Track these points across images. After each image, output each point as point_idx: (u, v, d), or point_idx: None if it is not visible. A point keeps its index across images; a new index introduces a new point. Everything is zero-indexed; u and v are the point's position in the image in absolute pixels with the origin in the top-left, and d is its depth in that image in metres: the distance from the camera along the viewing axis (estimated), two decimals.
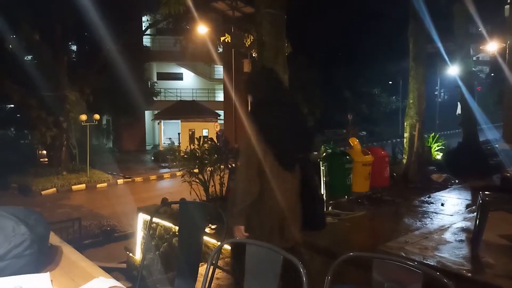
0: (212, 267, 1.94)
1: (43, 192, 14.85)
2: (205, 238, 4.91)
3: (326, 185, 5.73)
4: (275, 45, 5.80)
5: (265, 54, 5.82)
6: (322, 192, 5.74)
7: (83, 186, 16.01)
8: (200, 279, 2.77)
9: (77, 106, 17.27)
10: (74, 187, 15.75)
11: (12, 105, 20.47)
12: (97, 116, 17.54)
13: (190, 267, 2.44)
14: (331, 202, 5.92)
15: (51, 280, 1.28)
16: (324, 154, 6.33)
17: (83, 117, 16.64)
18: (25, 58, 18.81)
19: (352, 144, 6.70)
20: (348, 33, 36.04)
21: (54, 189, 15.27)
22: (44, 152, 19.10)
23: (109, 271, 4.59)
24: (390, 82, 41.81)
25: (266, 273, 1.61)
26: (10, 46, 16.80)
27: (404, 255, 3.90)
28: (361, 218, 5.74)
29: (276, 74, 2.99)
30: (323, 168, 5.74)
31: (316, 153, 6.78)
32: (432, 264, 3.71)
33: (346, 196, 6.28)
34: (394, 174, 8.54)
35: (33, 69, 17.53)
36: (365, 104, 39.13)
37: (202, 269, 3.02)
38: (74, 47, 21.33)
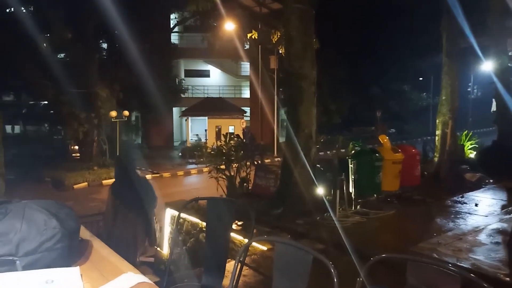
0: (239, 264, 1.92)
1: (75, 186, 15.29)
2: (232, 234, 4.91)
3: (354, 183, 5.61)
4: (303, 40, 5.73)
5: (293, 50, 5.77)
6: (351, 191, 5.63)
7: (113, 180, 16.37)
8: (227, 275, 2.77)
9: (107, 102, 17.70)
10: (104, 181, 16.12)
11: (46, 102, 21.17)
12: (126, 113, 17.91)
13: (217, 263, 2.43)
14: (359, 200, 5.80)
15: (81, 274, 1.28)
16: (353, 151, 6.20)
17: (113, 113, 17.03)
18: (58, 57, 19.48)
19: (382, 142, 6.53)
20: (378, 28, 35.19)
21: (86, 183, 15.70)
22: (76, 147, 19.69)
23: (138, 265, 4.62)
24: (421, 79, 40.62)
25: (295, 273, 1.57)
26: (45, 44, 17.40)
27: (436, 256, 3.76)
28: (391, 217, 5.59)
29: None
30: (352, 165, 5.62)
31: (343, 150, 6.67)
32: (466, 267, 3.56)
33: (375, 195, 6.12)
34: (425, 172, 8.29)
35: (66, 67, 18.13)
36: (394, 101, 38.17)
37: (229, 265, 3.01)
38: (104, 45, 21.84)
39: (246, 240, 4.71)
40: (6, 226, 1.34)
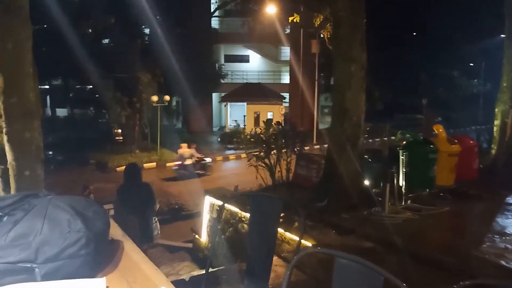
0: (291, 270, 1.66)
1: (117, 169, 15.67)
2: None
3: (405, 176, 5.18)
4: (352, 20, 5.31)
5: (341, 31, 5.36)
6: (401, 184, 5.22)
7: (153, 164, 16.67)
8: (272, 275, 2.53)
9: (149, 87, 17.94)
10: (145, 165, 16.44)
11: (92, 86, 21.79)
12: (167, 98, 18.09)
13: (261, 265, 2.20)
14: (410, 195, 5.37)
15: (107, 287, 1.08)
16: (404, 141, 5.75)
17: (155, 98, 17.24)
18: (103, 42, 19.91)
19: (436, 132, 6.01)
20: (425, 10, 33.22)
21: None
22: (119, 131, 20.19)
23: (176, 250, 4.54)
24: (472, 64, 38.14)
25: None
26: (90, 30, 17.81)
27: (505, 264, 3.34)
28: (445, 214, 5.13)
29: None
30: (403, 157, 5.19)
31: (385, 138, 6.21)
32: None
33: (427, 190, 5.66)
34: (481, 166, 7.63)
35: (110, 53, 18.50)
36: (442, 88, 36.12)
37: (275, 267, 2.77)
38: (146, 31, 22.08)
39: (287, 234, 4.47)
40: (27, 226, 1.15)
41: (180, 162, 14.23)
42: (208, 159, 15.30)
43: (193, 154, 14.64)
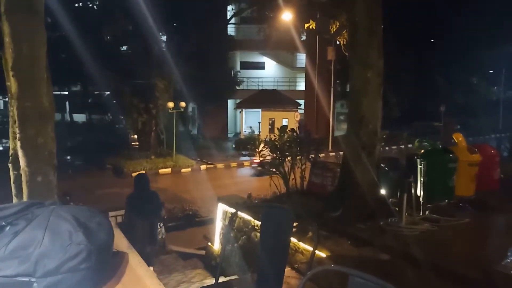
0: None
1: (133, 174, 15.79)
2: None
3: (423, 186, 5.03)
4: (369, 26, 5.22)
5: (358, 37, 5.28)
6: (419, 194, 5.07)
7: (169, 170, 16.76)
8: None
9: (165, 93, 18.11)
10: (161, 170, 16.56)
11: (109, 92, 22.13)
12: (183, 104, 18.20)
13: (273, 277, 2.13)
14: (428, 205, 5.20)
15: None
16: (422, 150, 5.60)
17: (171, 104, 17.38)
18: (121, 49, 20.22)
19: (456, 140, 5.84)
20: (444, 15, 32.68)
21: (143, 171, 16.18)
22: (136, 136, 20.41)
23: (189, 257, 4.49)
24: (491, 71, 37.34)
25: None
26: (108, 37, 18.10)
27: None
28: (465, 226, 4.95)
29: None
30: (421, 166, 5.04)
31: (402, 146, 6.06)
32: None
33: (446, 200, 5.48)
34: (502, 175, 7.38)
35: (127, 59, 18.76)
36: (460, 94, 35.39)
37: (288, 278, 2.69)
38: (164, 38, 22.35)
39: (300, 244, 4.37)
40: (28, 237, 1.10)
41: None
42: None
43: None
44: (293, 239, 4.56)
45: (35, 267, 1.04)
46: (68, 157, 19.28)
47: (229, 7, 25.32)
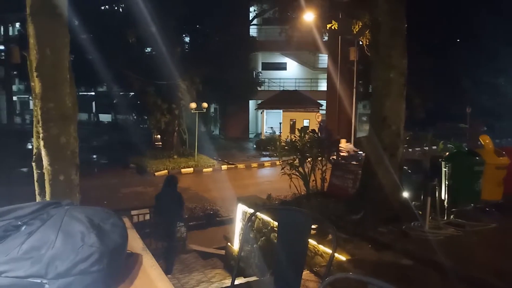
0: None
1: (156, 173, 16.05)
2: None
3: (448, 189, 4.87)
4: (392, 25, 5.11)
5: (381, 37, 5.17)
6: (443, 198, 4.91)
7: (191, 170, 16.92)
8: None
9: (187, 94, 18.30)
10: (183, 170, 16.73)
11: (133, 93, 22.54)
12: (205, 105, 18.35)
13: (290, 280, 2.09)
14: (453, 210, 5.04)
15: None
16: (446, 152, 5.43)
17: (193, 105, 17.56)
18: (145, 50, 20.56)
19: (483, 143, 5.63)
20: (470, 15, 31.65)
21: (166, 171, 16.40)
22: (159, 136, 20.71)
23: (209, 256, 4.51)
24: None
25: None
26: (134, 39, 18.43)
27: None
28: (492, 231, 4.77)
29: None
30: (446, 169, 4.88)
31: (426, 148, 5.89)
32: None
33: (472, 204, 5.30)
34: None
35: (151, 60, 19.06)
36: (487, 95, 34.18)
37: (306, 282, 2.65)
38: (187, 39, 22.60)
39: (320, 246, 4.31)
40: (41, 238, 1.12)
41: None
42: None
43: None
44: (313, 242, 4.51)
45: (46, 269, 1.06)
46: (94, 156, 19.75)
47: (251, 9, 25.38)
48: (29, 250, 1.07)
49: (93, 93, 33.71)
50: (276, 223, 5.24)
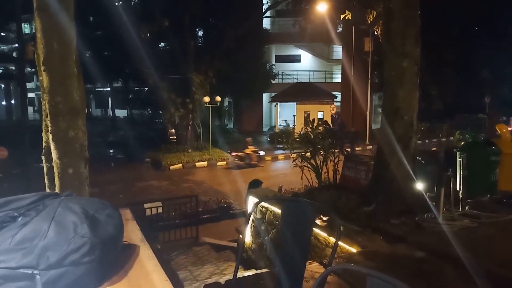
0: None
1: (171, 167, 16.19)
2: (316, 230, 4.51)
3: (463, 180, 4.76)
4: (406, 14, 4.98)
5: (394, 25, 5.04)
6: (458, 189, 4.80)
7: (205, 163, 17.02)
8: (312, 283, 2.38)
9: (201, 88, 18.36)
10: (197, 164, 16.84)
11: (148, 88, 22.74)
12: (218, 98, 18.38)
13: (294, 272, 2.07)
14: (468, 201, 4.92)
15: None
16: (462, 142, 5.29)
17: (207, 99, 17.61)
18: (159, 45, 20.67)
19: (499, 132, 5.47)
20: (489, 4, 30.70)
21: (181, 165, 16.54)
22: (173, 130, 20.87)
23: (222, 249, 4.53)
24: None
25: None
26: (148, 34, 18.54)
27: None
28: (509, 223, 4.63)
29: None
30: (461, 159, 4.76)
31: (442, 139, 5.73)
32: None
33: (488, 195, 5.16)
34: None
35: (165, 55, 19.15)
36: (506, 86, 33.26)
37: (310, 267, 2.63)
38: (200, 33, 22.61)
39: (331, 238, 4.27)
40: (34, 229, 1.12)
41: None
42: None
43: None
44: (323, 234, 4.47)
45: (38, 260, 1.05)
46: (111, 151, 20.05)
47: (264, 1, 25.19)
48: (22, 241, 1.08)
49: (109, 89, 34.15)
50: None
